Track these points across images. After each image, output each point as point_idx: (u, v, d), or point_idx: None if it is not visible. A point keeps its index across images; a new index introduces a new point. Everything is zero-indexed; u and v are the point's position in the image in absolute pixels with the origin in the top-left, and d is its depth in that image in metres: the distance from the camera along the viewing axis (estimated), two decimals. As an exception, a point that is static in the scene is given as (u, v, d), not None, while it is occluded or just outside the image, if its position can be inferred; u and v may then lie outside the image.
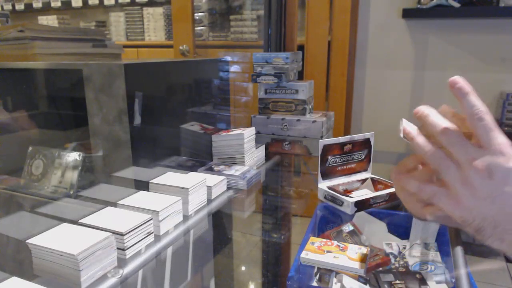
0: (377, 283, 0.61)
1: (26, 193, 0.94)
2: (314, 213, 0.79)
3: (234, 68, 2.27)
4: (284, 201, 1.09)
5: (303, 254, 0.61)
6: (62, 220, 0.67)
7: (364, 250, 0.62)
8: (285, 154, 1.28)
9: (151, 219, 0.68)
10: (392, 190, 0.81)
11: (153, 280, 0.66)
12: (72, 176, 0.91)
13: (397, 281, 0.61)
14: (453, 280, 0.62)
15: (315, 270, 0.64)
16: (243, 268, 0.89)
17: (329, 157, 0.84)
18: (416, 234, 0.71)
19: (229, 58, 1.73)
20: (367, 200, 0.77)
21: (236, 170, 0.97)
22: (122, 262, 0.62)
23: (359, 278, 0.60)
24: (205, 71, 1.28)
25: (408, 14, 1.99)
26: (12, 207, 0.95)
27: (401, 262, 0.66)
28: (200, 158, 1.10)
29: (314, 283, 0.63)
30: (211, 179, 0.88)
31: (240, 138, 1.03)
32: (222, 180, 0.90)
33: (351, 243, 0.67)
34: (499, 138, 0.41)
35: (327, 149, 0.83)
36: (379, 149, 0.94)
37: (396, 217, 0.76)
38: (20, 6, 3.21)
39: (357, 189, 0.87)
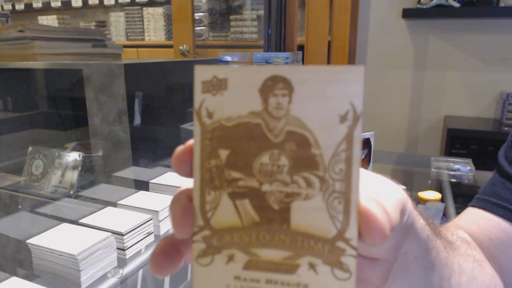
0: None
1: (26, 193, 0.94)
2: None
3: (234, 68, 2.27)
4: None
5: None
6: (62, 220, 0.67)
7: None
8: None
9: (151, 219, 0.68)
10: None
11: (153, 280, 0.66)
12: (72, 176, 0.91)
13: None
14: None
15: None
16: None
17: (329, 157, 0.84)
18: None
19: (229, 58, 1.73)
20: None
21: (236, 170, 0.97)
22: (122, 262, 0.62)
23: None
24: (205, 71, 1.28)
25: (408, 14, 1.99)
26: (12, 207, 0.95)
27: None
28: (200, 158, 1.09)
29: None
30: (211, 179, 0.88)
31: (240, 138, 1.03)
32: (222, 180, 0.90)
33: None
34: None
35: (327, 149, 0.83)
36: (379, 149, 0.94)
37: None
38: (20, 6, 3.21)
39: (357, 189, 0.87)
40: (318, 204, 0.19)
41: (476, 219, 0.44)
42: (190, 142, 0.20)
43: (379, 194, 0.20)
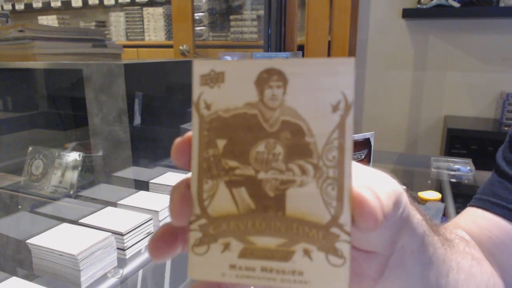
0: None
1: (26, 193, 0.94)
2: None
3: (234, 68, 2.27)
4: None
5: None
6: (62, 220, 0.67)
7: None
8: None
9: (151, 219, 0.68)
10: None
11: (153, 280, 0.66)
12: (72, 176, 0.91)
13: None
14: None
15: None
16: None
17: (329, 157, 0.84)
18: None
19: (229, 58, 1.73)
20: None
21: (236, 170, 0.97)
22: (122, 262, 0.62)
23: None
24: (205, 71, 1.28)
25: (408, 14, 1.99)
26: (12, 207, 0.95)
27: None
28: (200, 158, 1.09)
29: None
30: (211, 179, 0.88)
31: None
32: (222, 180, 0.90)
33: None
34: None
35: (327, 149, 0.83)
36: (379, 149, 0.94)
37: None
38: (20, 6, 3.21)
39: (357, 189, 0.87)
40: (312, 191, 0.19)
41: (475, 219, 0.44)
42: (189, 133, 0.21)
43: (372, 183, 0.20)
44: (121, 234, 0.62)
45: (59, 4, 3.06)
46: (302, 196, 0.19)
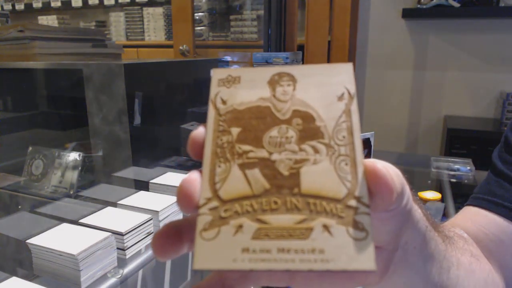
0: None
1: (26, 193, 0.94)
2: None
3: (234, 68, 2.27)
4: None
5: None
6: (62, 220, 0.67)
7: None
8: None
9: (151, 219, 0.68)
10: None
11: (153, 280, 0.66)
12: (72, 176, 0.91)
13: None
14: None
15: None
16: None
17: (329, 157, 0.84)
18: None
19: (229, 58, 1.73)
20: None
21: (236, 170, 0.97)
22: (122, 262, 0.62)
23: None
24: (205, 71, 1.28)
25: (408, 14, 1.99)
26: (12, 207, 0.95)
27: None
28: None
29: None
30: (211, 179, 0.87)
31: (240, 138, 1.03)
32: (222, 180, 0.90)
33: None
34: None
35: (327, 149, 0.83)
36: (379, 149, 0.94)
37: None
38: (20, 6, 3.21)
39: (357, 189, 0.87)
40: (326, 167, 0.20)
41: (471, 217, 0.44)
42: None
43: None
44: (121, 234, 0.62)
45: (59, 4, 3.06)
46: (316, 172, 0.19)
